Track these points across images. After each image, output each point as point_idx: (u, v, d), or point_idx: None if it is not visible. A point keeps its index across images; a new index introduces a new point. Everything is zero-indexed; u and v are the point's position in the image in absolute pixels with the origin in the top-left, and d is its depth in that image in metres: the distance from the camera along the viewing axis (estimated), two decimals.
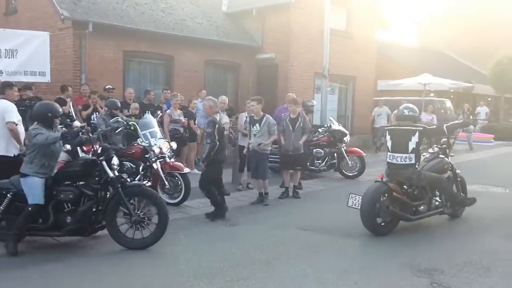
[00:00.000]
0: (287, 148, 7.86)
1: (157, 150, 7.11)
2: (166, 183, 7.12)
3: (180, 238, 5.55)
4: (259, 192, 7.65)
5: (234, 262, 4.72)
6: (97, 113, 9.15)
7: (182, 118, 9.06)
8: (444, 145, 6.57)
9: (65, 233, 5.01)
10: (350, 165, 10.27)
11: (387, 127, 6.49)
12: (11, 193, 4.97)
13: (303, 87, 14.58)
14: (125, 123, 7.36)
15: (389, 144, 5.98)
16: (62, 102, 8.22)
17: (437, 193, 6.19)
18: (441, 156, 6.41)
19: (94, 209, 5.03)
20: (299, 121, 7.85)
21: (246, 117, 8.37)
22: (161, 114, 9.33)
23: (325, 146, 10.19)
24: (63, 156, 6.16)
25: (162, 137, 7.62)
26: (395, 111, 11.97)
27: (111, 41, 11.29)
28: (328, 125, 10.66)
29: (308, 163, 9.70)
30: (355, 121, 16.97)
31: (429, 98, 17.10)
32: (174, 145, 7.68)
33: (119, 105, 7.92)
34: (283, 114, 8.76)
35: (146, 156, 7.16)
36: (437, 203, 6.11)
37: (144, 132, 7.36)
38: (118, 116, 7.52)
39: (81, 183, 5.03)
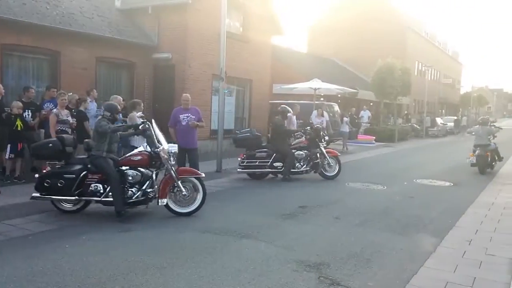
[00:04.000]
0: None
1: (166, 155, 6.50)
2: (184, 189, 6.62)
3: (65, 247, 5.16)
4: None
5: (126, 269, 4.52)
6: None
7: (70, 119, 8.46)
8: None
9: None
10: (331, 165, 10.55)
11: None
12: None
13: (200, 89, 14.57)
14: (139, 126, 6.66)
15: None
16: None
17: None
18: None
19: None
20: None
21: (138, 117, 8.09)
22: (45, 113, 8.64)
23: (306, 147, 10.33)
24: None
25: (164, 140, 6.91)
26: (289, 114, 12.55)
27: None
28: (310, 126, 10.90)
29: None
30: (252, 123, 17.39)
31: (319, 102, 18.19)
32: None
33: (120, 108, 7.14)
34: (180, 115, 8.67)
35: (153, 162, 6.62)
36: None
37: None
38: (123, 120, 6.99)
39: None
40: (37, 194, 6.48)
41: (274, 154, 10.12)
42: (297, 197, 8.39)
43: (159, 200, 6.53)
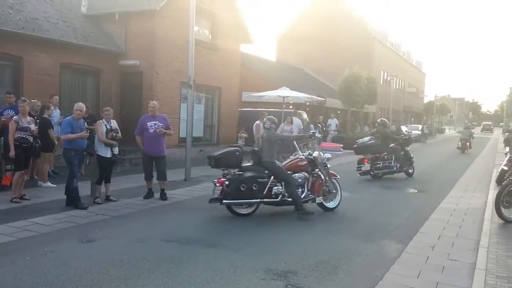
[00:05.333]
0: None
1: (321, 160, 7.93)
2: (333, 188, 7.94)
3: (25, 259, 4.96)
4: None
5: (89, 281, 4.39)
6: None
7: (32, 126, 8.18)
8: None
9: None
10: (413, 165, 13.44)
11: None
12: None
13: (169, 96, 14.44)
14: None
15: None
16: None
17: None
18: None
19: None
20: None
21: (105, 125, 7.91)
22: (4, 119, 8.34)
23: (401, 150, 13.10)
24: None
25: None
26: (257, 122, 12.61)
27: None
28: (407, 133, 14.54)
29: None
30: (221, 131, 17.36)
31: (289, 110, 18.34)
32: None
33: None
34: (147, 123, 8.54)
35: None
36: None
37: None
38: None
39: None
40: (226, 200, 7.14)
41: (394, 156, 12.79)
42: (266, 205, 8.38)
43: (316, 198, 7.76)
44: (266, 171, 7.38)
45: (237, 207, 7.31)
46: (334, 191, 8.04)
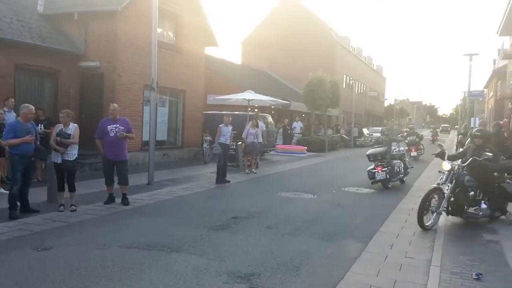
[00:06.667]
0: None
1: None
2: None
3: None
4: None
5: None
6: None
7: None
8: None
9: None
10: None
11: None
12: None
13: (131, 99, 14.17)
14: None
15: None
16: None
17: None
18: None
19: None
20: None
21: (60, 129, 7.60)
22: None
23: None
24: None
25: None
26: (220, 125, 12.53)
27: None
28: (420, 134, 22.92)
29: None
30: (185, 134, 17.18)
31: (254, 113, 18.39)
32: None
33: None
34: (107, 127, 8.32)
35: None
36: None
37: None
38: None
39: None
40: (392, 179, 11.71)
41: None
42: (230, 208, 8.38)
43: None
44: (394, 160, 11.68)
45: (388, 183, 11.42)
46: (409, 170, 12.60)
